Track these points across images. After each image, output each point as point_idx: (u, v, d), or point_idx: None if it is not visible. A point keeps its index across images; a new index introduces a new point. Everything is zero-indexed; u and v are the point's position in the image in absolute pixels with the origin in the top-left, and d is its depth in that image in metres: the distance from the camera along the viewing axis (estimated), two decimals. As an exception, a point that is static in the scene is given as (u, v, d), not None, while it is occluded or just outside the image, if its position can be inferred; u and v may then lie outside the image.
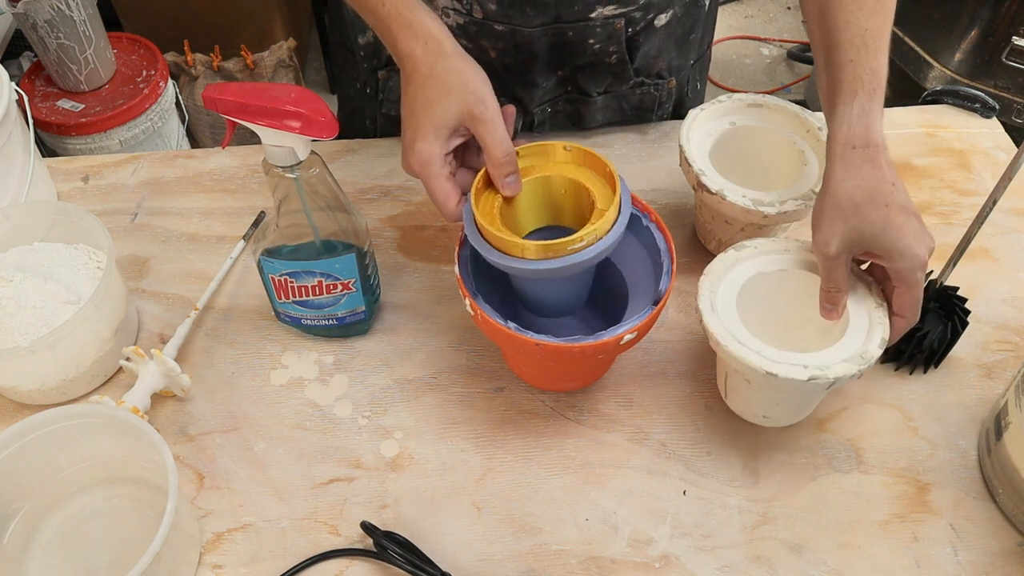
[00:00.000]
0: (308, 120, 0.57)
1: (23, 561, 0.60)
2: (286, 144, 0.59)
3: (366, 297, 0.71)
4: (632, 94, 0.88)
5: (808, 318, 0.66)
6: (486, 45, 0.79)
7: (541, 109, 0.87)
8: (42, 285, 0.69)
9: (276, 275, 0.68)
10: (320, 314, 0.71)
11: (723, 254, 0.66)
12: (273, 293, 0.70)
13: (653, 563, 0.61)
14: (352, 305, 0.71)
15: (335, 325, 0.72)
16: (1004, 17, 1.60)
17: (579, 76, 0.85)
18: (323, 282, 0.68)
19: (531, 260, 0.57)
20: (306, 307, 0.70)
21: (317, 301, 0.70)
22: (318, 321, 0.72)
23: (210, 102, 0.57)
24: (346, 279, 0.68)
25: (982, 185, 0.87)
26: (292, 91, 0.58)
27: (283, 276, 0.67)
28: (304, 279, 0.67)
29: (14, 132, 0.79)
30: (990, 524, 0.63)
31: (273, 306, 0.72)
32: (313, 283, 0.68)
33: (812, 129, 0.76)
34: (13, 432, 0.58)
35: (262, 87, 0.58)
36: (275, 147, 0.59)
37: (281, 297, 0.70)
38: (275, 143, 0.59)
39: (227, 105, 0.57)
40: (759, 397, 0.65)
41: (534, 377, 0.71)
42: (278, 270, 0.67)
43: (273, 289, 0.69)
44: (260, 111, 0.57)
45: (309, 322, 0.72)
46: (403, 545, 0.60)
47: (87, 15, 1.57)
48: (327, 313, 0.71)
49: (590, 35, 0.79)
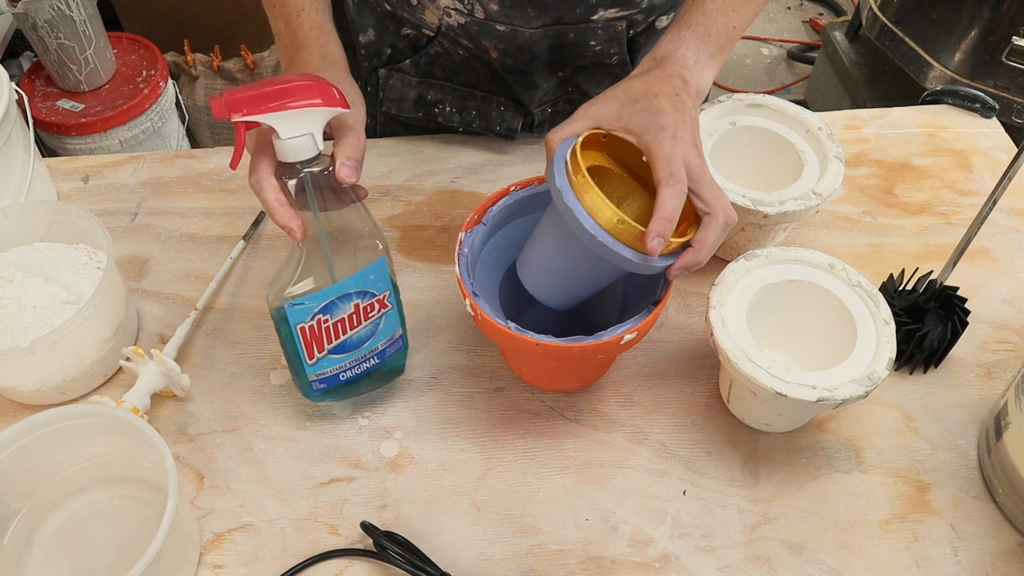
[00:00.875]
0: (325, 93, 0.55)
1: (23, 561, 0.60)
2: (306, 130, 0.55)
3: (401, 317, 0.66)
4: None
5: (816, 329, 0.66)
6: (487, 45, 0.79)
7: (541, 110, 0.87)
8: (42, 285, 0.69)
9: (306, 322, 0.60)
10: (360, 355, 0.64)
11: (734, 263, 0.66)
12: (303, 352, 0.61)
13: (653, 563, 0.61)
14: (390, 330, 0.65)
15: (376, 366, 0.66)
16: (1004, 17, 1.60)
17: (580, 77, 0.85)
18: (359, 304, 0.61)
19: (608, 234, 0.54)
20: (344, 352, 0.63)
21: (356, 337, 0.63)
22: (359, 366, 0.65)
23: (221, 107, 0.53)
24: (381, 292, 0.62)
25: (982, 185, 0.87)
26: (295, 76, 0.56)
27: (315, 319, 0.60)
28: (340, 310, 0.60)
29: (14, 132, 0.79)
30: (990, 524, 0.63)
31: (300, 377, 0.64)
32: (349, 311, 0.61)
33: (812, 129, 0.76)
34: (13, 432, 0.58)
35: (266, 81, 0.55)
36: (294, 140, 0.55)
37: (314, 353, 0.62)
38: (295, 132, 0.55)
39: (242, 101, 0.53)
40: (764, 409, 0.65)
41: (534, 377, 0.71)
42: (309, 312, 0.59)
43: (302, 345, 0.61)
44: (277, 95, 0.53)
45: (348, 374, 0.65)
46: (403, 545, 0.60)
47: (87, 15, 1.57)
48: (367, 351, 0.64)
49: (591, 37, 0.79)
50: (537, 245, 0.62)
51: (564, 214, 0.55)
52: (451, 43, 0.82)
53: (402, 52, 0.85)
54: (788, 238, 0.81)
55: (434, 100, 0.87)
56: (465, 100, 0.87)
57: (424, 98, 0.87)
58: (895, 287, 0.73)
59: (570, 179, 0.55)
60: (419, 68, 0.85)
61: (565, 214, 0.55)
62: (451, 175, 0.87)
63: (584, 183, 0.54)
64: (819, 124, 0.76)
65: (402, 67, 0.86)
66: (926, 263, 0.78)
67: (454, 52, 0.83)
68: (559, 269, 0.61)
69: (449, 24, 0.79)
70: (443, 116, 0.87)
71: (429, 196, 0.85)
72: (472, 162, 0.89)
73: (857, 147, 0.91)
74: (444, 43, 0.82)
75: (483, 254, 0.67)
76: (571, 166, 0.56)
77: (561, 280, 0.62)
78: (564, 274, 0.61)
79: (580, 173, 0.55)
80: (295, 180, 0.57)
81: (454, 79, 0.86)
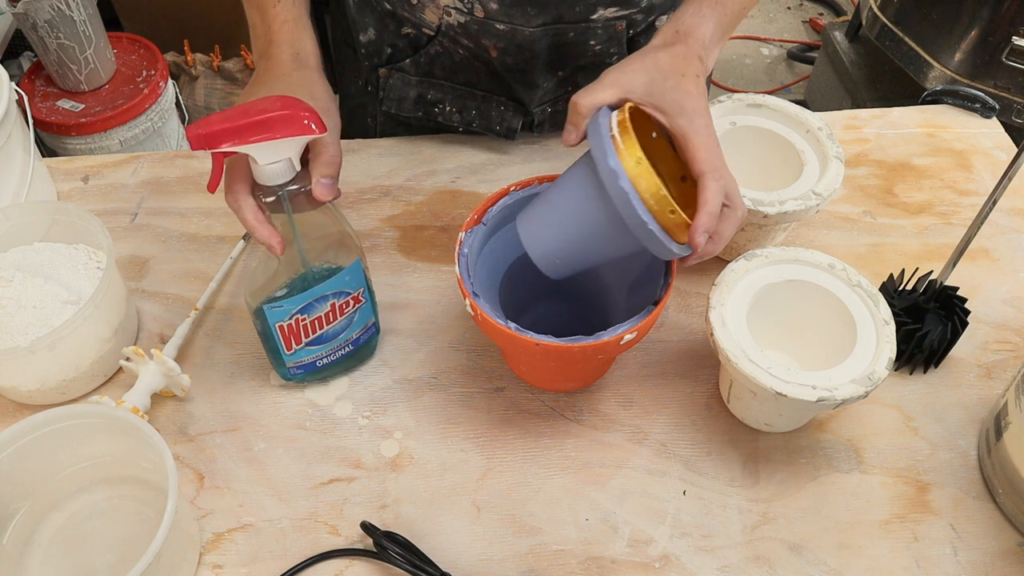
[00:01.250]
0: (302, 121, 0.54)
1: (23, 561, 0.60)
2: (284, 156, 0.55)
3: (373, 305, 0.69)
4: None
5: (816, 329, 0.66)
6: (487, 44, 0.79)
7: (541, 109, 0.87)
8: (42, 285, 0.69)
9: (284, 321, 0.62)
10: (336, 344, 0.67)
11: (734, 263, 0.66)
12: (281, 345, 0.64)
13: (653, 563, 0.61)
14: (364, 320, 0.68)
15: (351, 352, 0.69)
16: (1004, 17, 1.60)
17: (579, 76, 0.85)
18: (335, 303, 0.64)
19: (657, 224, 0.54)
20: (321, 343, 0.66)
21: (332, 330, 0.65)
22: (334, 355, 0.68)
23: (199, 140, 0.52)
24: (356, 290, 0.65)
25: (982, 185, 0.87)
26: (272, 101, 0.55)
27: (293, 318, 0.62)
28: (317, 309, 0.63)
29: (14, 132, 0.79)
30: (990, 524, 0.63)
31: (278, 364, 0.67)
32: (326, 310, 0.63)
33: (812, 129, 0.76)
34: (13, 432, 0.58)
35: (242, 107, 0.54)
36: (272, 165, 0.55)
37: (291, 346, 0.64)
38: (273, 159, 0.55)
39: (219, 135, 0.52)
40: (764, 409, 0.65)
41: (534, 377, 0.71)
42: (287, 312, 0.62)
43: (281, 340, 0.64)
44: (254, 127, 0.53)
45: (324, 361, 0.68)
46: (403, 545, 0.60)
47: (87, 15, 1.57)
48: (342, 341, 0.67)
49: (591, 36, 0.79)
50: (555, 207, 0.60)
51: (615, 197, 0.54)
52: (451, 42, 0.82)
53: (402, 51, 0.85)
54: (788, 238, 0.81)
55: (434, 99, 0.87)
56: (465, 100, 0.87)
57: (424, 97, 0.87)
58: (895, 287, 0.73)
59: (623, 159, 0.54)
60: (419, 67, 0.86)
61: (617, 198, 0.54)
62: (451, 175, 0.87)
63: (642, 169, 0.53)
64: (819, 124, 0.76)
65: (402, 66, 0.86)
66: (926, 263, 0.78)
67: (454, 51, 0.83)
68: (573, 236, 0.59)
69: (449, 23, 0.79)
70: (443, 116, 0.87)
71: (429, 196, 0.85)
72: (472, 162, 0.89)
73: (857, 147, 0.91)
74: (444, 42, 0.82)
75: (483, 254, 0.67)
76: (624, 145, 0.54)
77: (570, 247, 0.60)
78: (576, 242, 0.59)
79: (636, 157, 0.54)
80: (272, 197, 0.58)
81: (454, 79, 0.86)
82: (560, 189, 0.60)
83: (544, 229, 0.60)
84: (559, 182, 0.61)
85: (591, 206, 0.57)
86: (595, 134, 0.56)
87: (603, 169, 0.54)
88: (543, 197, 0.61)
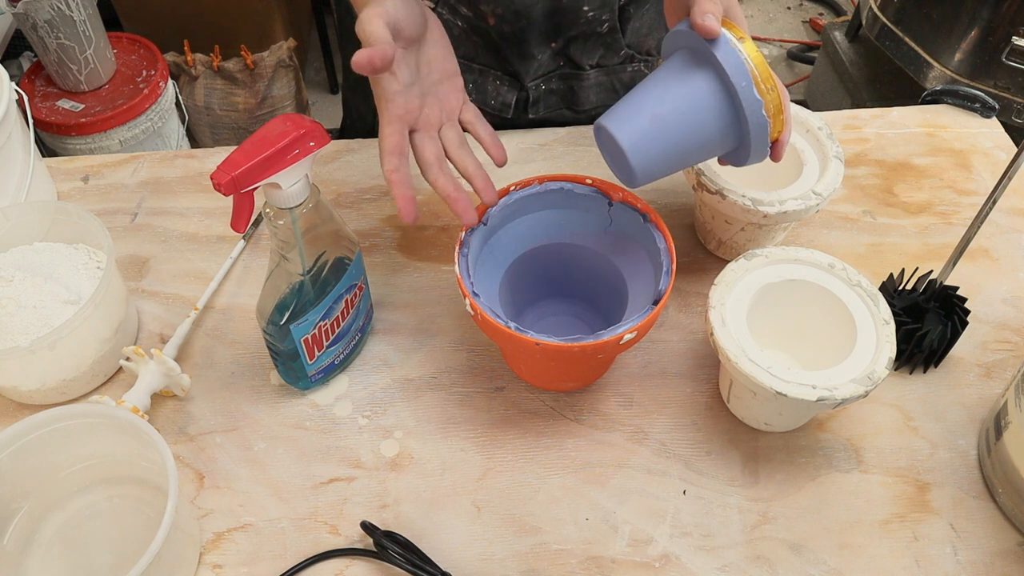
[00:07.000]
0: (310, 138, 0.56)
1: (23, 561, 0.60)
2: (303, 174, 0.56)
3: (369, 289, 0.70)
4: (623, 70, 0.90)
5: (816, 328, 0.66)
6: (485, 11, 0.81)
7: (535, 85, 0.89)
8: (42, 285, 0.69)
9: (309, 334, 0.63)
10: (348, 338, 0.69)
11: (734, 263, 0.66)
12: (304, 357, 0.65)
13: (653, 563, 0.61)
14: (366, 304, 0.71)
15: (359, 339, 0.71)
16: (1004, 17, 1.60)
17: (572, 48, 0.86)
18: (347, 298, 0.66)
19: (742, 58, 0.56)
20: (337, 341, 0.67)
21: (346, 325, 0.67)
22: (348, 347, 0.70)
23: (231, 186, 0.52)
24: (358, 280, 0.67)
25: (982, 185, 0.87)
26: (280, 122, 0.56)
27: (316, 327, 0.64)
28: (335, 310, 0.65)
29: (14, 132, 0.79)
30: (990, 524, 0.63)
31: (299, 378, 0.68)
32: (341, 307, 0.65)
33: (812, 129, 0.76)
34: (13, 432, 0.58)
35: (255, 138, 0.54)
36: (294, 186, 0.56)
37: (315, 354, 0.66)
38: (294, 180, 0.56)
39: (247, 176, 0.53)
40: (764, 408, 0.65)
41: (534, 377, 0.71)
42: (312, 324, 0.63)
43: (305, 353, 0.65)
44: (275, 159, 0.54)
45: (342, 356, 0.70)
46: (403, 545, 0.60)
47: (87, 15, 1.57)
48: (353, 331, 0.69)
49: (584, 2, 0.81)
50: (665, 121, 0.59)
51: (753, 121, 0.58)
52: (450, 13, 0.83)
53: None
54: (788, 238, 0.81)
55: None
56: (463, 74, 0.88)
57: None
58: (895, 287, 0.73)
59: (759, 88, 0.57)
60: None
61: (755, 124, 0.58)
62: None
63: (773, 99, 0.58)
64: (819, 124, 0.76)
65: None
66: (926, 263, 0.78)
67: (453, 24, 0.84)
68: (682, 146, 0.60)
69: None
70: None
71: (429, 196, 0.85)
72: (472, 162, 0.89)
73: (857, 147, 0.91)
74: (444, 13, 0.83)
75: (483, 254, 0.67)
76: (760, 75, 0.57)
77: (675, 159, 0.61)
78: (682, 152, 0.61)
79: (771, 85, 0.57)
80: (283, 221, 0.58)
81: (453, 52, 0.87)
82: (667, 100, 0.60)
83: (650, 142, 0.60)
84: (664, 93, 0.60)
85: (703, 116, 0.59)
86: (726, 52, 0.57)
87: (743, 94, 0.57)
88: (647, 91, 0.61)
